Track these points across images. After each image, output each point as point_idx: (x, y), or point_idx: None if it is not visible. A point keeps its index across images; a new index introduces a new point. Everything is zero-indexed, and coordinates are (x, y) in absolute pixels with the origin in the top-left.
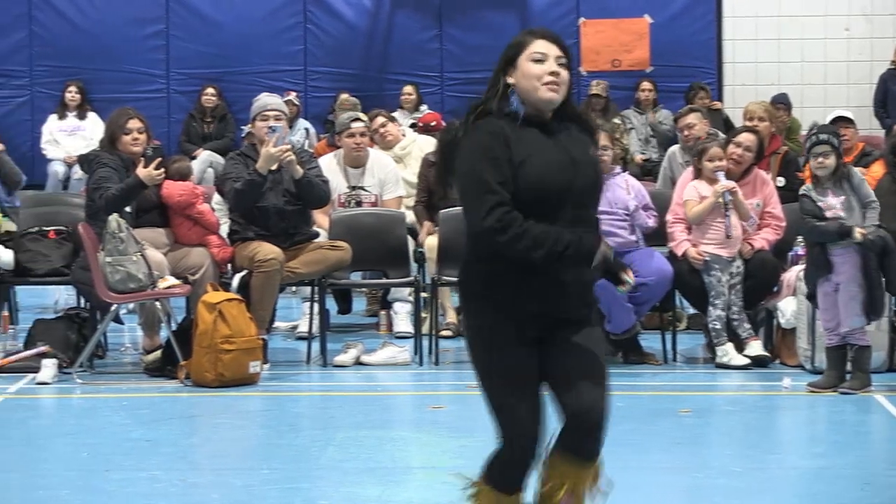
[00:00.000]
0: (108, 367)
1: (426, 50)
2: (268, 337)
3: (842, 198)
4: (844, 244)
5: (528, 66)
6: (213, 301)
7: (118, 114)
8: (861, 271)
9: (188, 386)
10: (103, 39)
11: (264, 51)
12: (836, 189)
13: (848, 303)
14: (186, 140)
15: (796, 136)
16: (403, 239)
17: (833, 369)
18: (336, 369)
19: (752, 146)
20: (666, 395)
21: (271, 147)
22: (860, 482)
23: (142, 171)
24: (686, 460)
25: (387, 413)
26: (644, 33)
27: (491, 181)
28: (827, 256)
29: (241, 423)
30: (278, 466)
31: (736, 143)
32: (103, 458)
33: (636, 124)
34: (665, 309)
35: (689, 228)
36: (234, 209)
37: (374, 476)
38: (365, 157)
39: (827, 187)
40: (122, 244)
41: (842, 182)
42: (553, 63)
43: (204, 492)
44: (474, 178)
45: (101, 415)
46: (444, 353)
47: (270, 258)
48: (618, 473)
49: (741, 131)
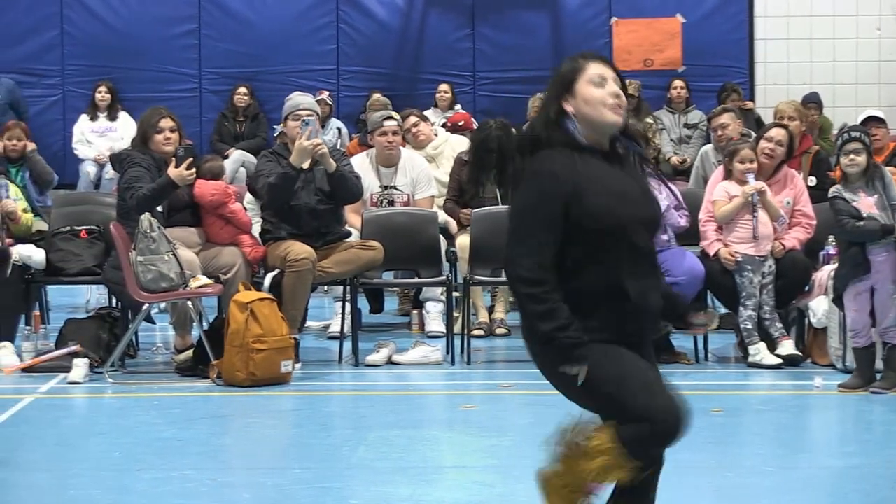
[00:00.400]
0: (140, 366)
1: (458, 49)
2: (300, 336)
3: (875, 197)
4: (884, 243)
5: (589, 91)
6: (245, 300)
7: (150, 113)
8: None
9: (220, 385)
10: (135, 38)
11: (296, 50)
12: (867, 189)
13: (886, 301)
14: (218, 139)
15: (828, 136)
16: (436, 238)
17: (862, 370)
18: (368, 369)
19: (783, 141)
20: (698, 395)
21: (304, 140)
22: (891, 481)
23: (173, 171)
24: (717, 459)
25: (418, 412)
26: (676, 33)
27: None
28: (866, 256)
29: (273, 422)
30: (310, 466)
31: (767, 139)
32: (135, 458)
33: (668, 124)
34: (697, 308)
35: (720, 228)
36: (268, 205)
37: (405, 475)
38: (397, 156)
39: (858, 187)
40: (154, 243)
41: (873, 181)
42: (613, 85)
43: (235, 491)
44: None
45: (132, 414)
46: (476, 353)
47: (302, 258)
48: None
49: (772, 126)
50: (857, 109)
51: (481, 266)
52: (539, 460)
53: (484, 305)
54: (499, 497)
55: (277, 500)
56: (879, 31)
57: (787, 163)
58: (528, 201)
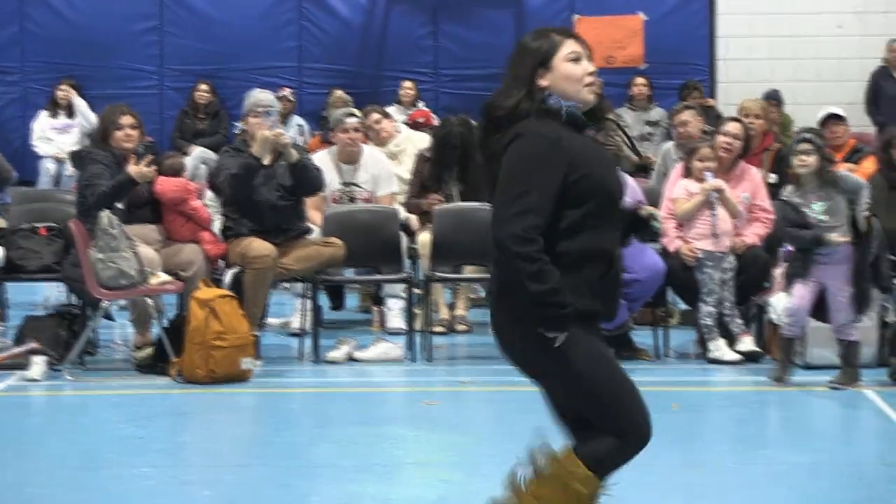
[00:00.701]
0: (99, 363)
1: (421, 46)
2: (260, 333)
3: (826, 203)
4: (826, 249)
5: (567, 67)
6: (206, 297)
7: (110, 110)
8: (852, 268)
9: (180, 383)
10: (96, 35)
11: (259, 47)
12: (819, 192)
13: (836, 301)
14: (179, 136)
15: (788, 133)
16: (397, 235)
17: (787, 359)
18: (329, 366)
19: (740, 135)
20: (658, 391)
21: (266, 130)
22: (851, 477)
23: (133, 168)
24: (677, 456)
25: (380, 409)
26: (638, 30)
27: (533, 196)
28: (808, 261)
29: (234, 419)
30: (271, 463)
31: (724, 133)
32: (94, 456)
33: (630, 122)
34: (657, 305)
35: (680, 225)
36: (230, 197)
37: (368, 473)
38: (358, 154)
39: (809, 190)
40: (114, 241)
41: (826, 186)
42: (588, 62)
43: (196, 489)
44: (517, 185)
45: (91, 412)
46: (437, 350)
47: (263, 255)
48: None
49: (728, 121)
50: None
51: (442, 263)
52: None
53: (445, 302)
54: (461, 493)
55: (238, 498)
56: (840, 28)
57: (747, 158)
58: (527, 163)
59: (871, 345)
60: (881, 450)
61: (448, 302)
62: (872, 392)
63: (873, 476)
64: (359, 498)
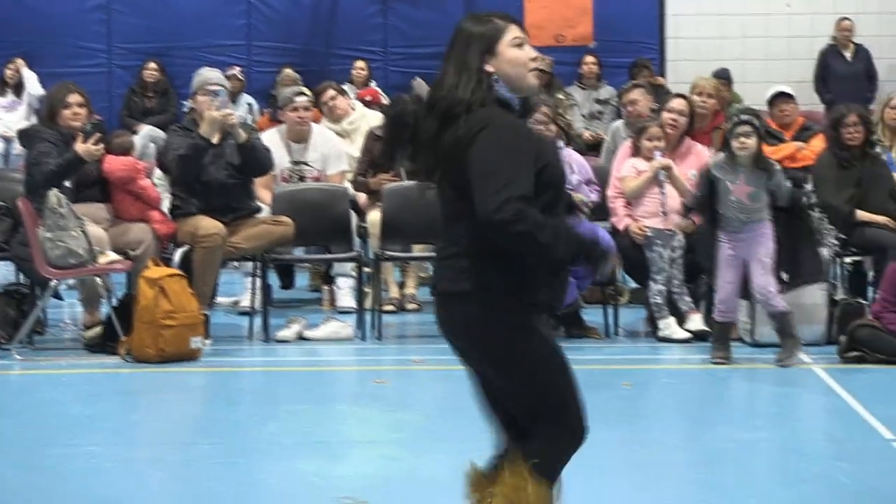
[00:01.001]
0: (48, 343)
1: (370, 25)
2: (210, 312)
3: (750, 188)
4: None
5: (513, 53)
6: (155, 276)
7: (58, 88)
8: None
9: (129, 362)
10: (44, 13)
11: (207, 25)
12: (750, 176)
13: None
14: (128, 115)
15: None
16: (346, 214)
17: (723, 342)
18: (278, 344)
19: (685, 111)
20: (607, 369)
21: (213, 111)
22: (798, 454)
23: (80, 147)
24: (627, 433)
25: (329, 388)
26: (587, 9)
27: (521, 182)
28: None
29: (182, 398)
30: (218, 442)
31: (669, 110)
32: (43, 435)
33: (579, 100)
34: (607, 283)
35: (629, 203)
36: (178, 177)
37: (313, 451)
38: (308, 132)
39: (741, 170)
40: (63, 219)
41: (758, 172)
42: (530, 48)
43: (143, 467)
44: (502, 174)
45: (40, 391)
46: (387, 328)
47: (212, 233)
48: None
49: (674, 97)
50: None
51: (392, 242)
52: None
53: (395, 281)
54: (406, 471)
55: (186, 476)
56: (790, 6)
57: (696, 137)
58: (506, 152)
59: (821, 323)
60: (829, 426)
61: (398, 281)
62: (821, 369)
63: (820, 452)
64: (306, 475)
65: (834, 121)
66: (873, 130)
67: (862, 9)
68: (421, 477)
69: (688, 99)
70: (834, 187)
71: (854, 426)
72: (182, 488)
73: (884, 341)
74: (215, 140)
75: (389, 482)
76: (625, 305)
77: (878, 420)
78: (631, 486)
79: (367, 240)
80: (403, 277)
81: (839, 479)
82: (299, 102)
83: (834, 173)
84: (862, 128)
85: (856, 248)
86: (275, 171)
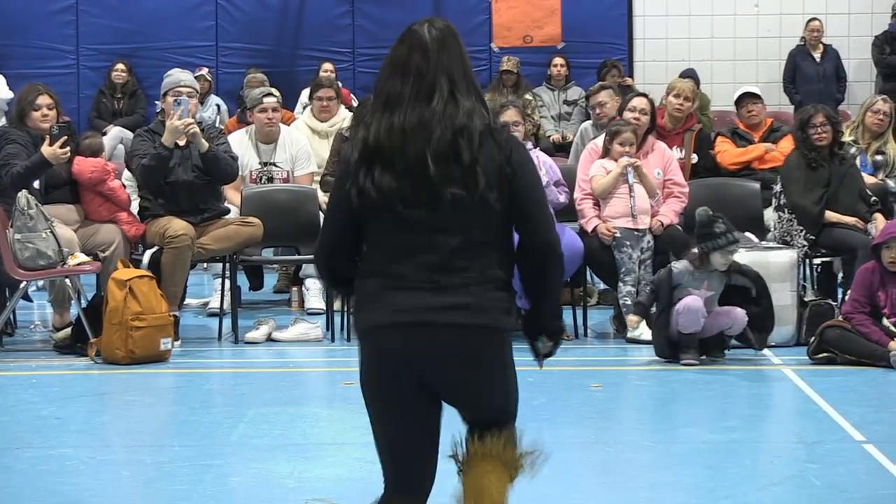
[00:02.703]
0: (18, 344)
1: (338, 26)
2: (179, 313)
3: (711, 293)
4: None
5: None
6: (124, 278)
7: (27, 90)
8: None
9: (98, 363)
10: (12, 14)
11: (176, 26)
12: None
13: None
14: (97, 116)
15: (706, 112)
16: (315, 215)
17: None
18: (248, 346)
19: (646, 109)
20: (577, 371)
21: (175, 120)
22: (769, 455)
23: (47, 150)
24: (597, 435)
25: (298, 389)
26: (556, 9)
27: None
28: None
29: (152, 400)
30: (189, 443)
31: (631, 109)
32: (13, 437)
33: (548, 101)
34: (576, 284)
35: (597, 204)
36: (143, 186)
37: (285, 452)
38: (276, 133)
39: (706, 278)
40: (32, 221)
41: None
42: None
43: (114, 469)
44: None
45: (10, 393)
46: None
47: (181, 234)
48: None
49: (634, 96)
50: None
51: None
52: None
53: None
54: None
55: (157, 477)
56: (757, 7)
57: (669, 139)
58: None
59: (790, 324)
60: (799, 428)
61: None
62: (791, 371)
63: (791, 454)
64: (276, 477)
65: (801, 121)
66: (841, 131)
67: (830, 9)
68: None
69: (648, 97)
70: (802, 188)
71: (825, 428)
72: (155, 490)
73: (853, 342)
74: (182, 142)
75: (362, 483)
76: (594, 306)
77: (849, 422)
78: (603, 487)
79: None
80: None
81: (810, 480)
82: (268, 103)
83: (802, 174)
84: (830, 128)
85: (825, 248)
86: (243, 173)
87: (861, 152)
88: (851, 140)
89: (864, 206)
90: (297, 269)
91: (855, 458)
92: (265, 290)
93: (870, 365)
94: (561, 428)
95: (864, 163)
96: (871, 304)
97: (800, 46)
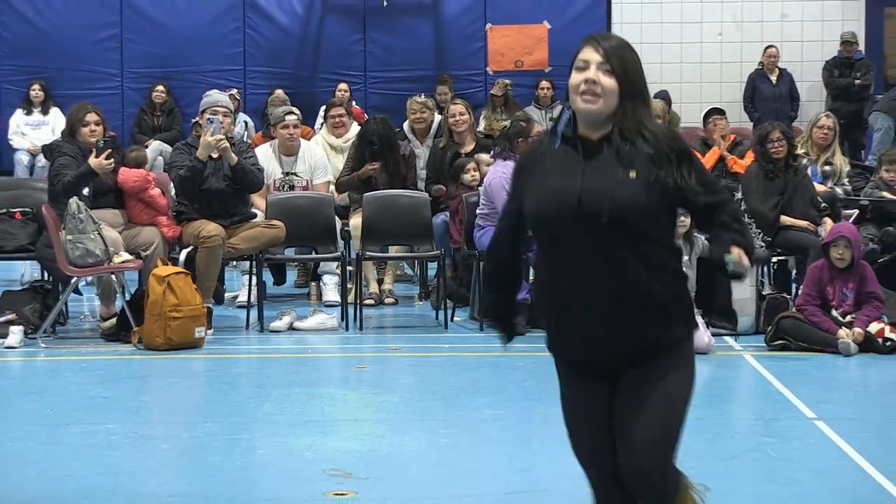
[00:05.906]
0: (69, 332)
1: (352, 52)
2: (212, 305)
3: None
4: None
5: (571, 77)
6: (163, 274)
7: (77, 108)
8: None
9: (140, 349)
10: (64, 42)
11: (208, 52)
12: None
13: None
14: (138, 132)
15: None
16: (332, 219)
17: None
18: (272, 334)
19: None
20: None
21: (208, 136)
22: (731, 431)
23: (93, 161)
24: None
25: (317, 372)
26: (543, 37)
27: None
28: None
29: (188, 382)
30: (220, 420)
31: None
32: (64, 414)
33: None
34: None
35: None
36: (180, 194)
37: (305, 428)
38: (297, 147)
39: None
40: (81, 224)
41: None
42: (593, 70)
43: (154, 443)
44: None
45: (62, 375)
46: (368, 320)
47: (213, 235)
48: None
49: None
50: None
51: (372, 243)
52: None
53: (374, 278)
54: (388, 446)
55: (191, 449)
56: (721, 36)
57: None
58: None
59: (750, 315)
60: (758, 407)
61: (376, 277)
62: (750, 356)
63: (750, 430)
64: (297, 449)
65: (760, 137)
66: (795, 145)
67: (786, 37)
68: (401, 451)
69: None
70: (761, 196)
71: (780, 406)
72: (190, 461)
73: (806, 331)
74: (215, 155)
75: (373, 455)
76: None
77: (801, 401)
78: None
79: (350, 241)
80: (381, 274)
81: (768, 453)
82: (289, 120)
83: (761, 183)
84: (785, 142)
85: (781, 248)
86: (268, 182)
87: (812, 163)
88: (804, 153)
89: (815, 211)
90: (315, 266)
91: (807, 434)
92: (287, 285)
93: (820, 351)
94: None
95: (815, 172)
96: (821, 298)
97: (758, 70)
